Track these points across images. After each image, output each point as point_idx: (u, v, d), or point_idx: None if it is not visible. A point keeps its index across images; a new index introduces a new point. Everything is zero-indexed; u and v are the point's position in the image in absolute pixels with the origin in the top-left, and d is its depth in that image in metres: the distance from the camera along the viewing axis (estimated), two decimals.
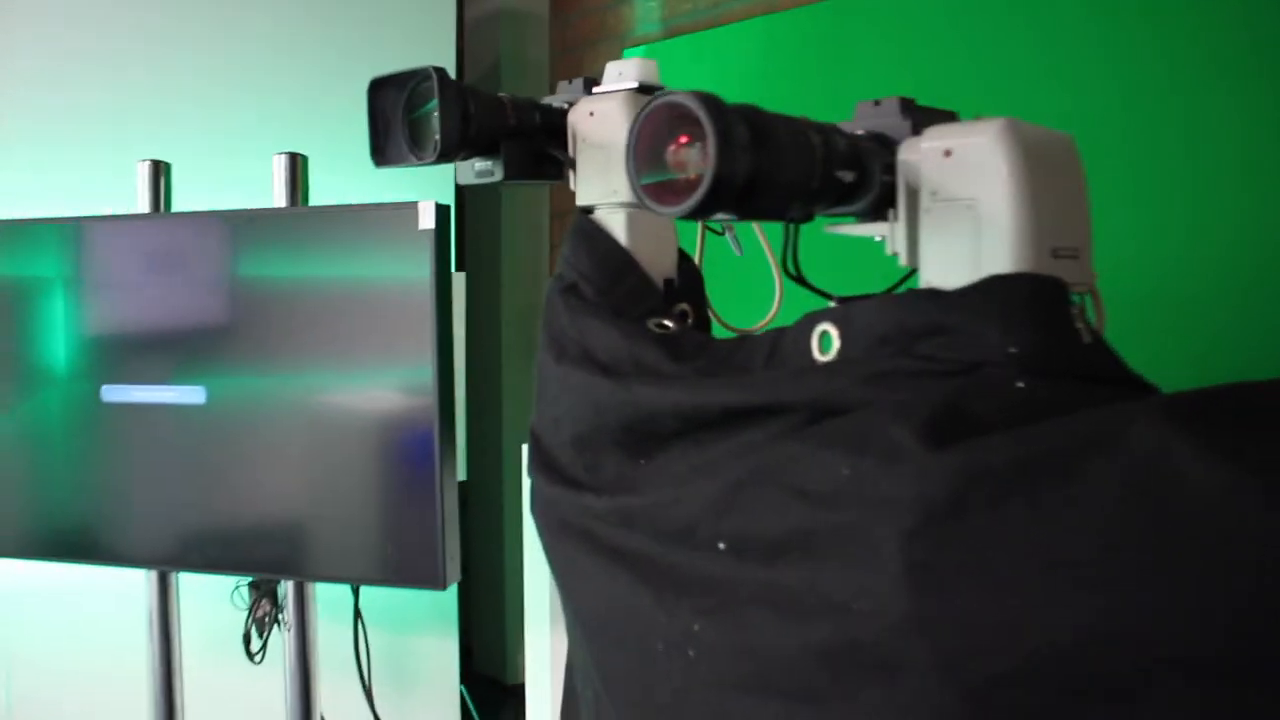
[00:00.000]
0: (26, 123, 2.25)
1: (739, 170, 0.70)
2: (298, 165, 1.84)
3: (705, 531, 0.85)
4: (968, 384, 0.73)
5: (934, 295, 0.77)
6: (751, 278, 1.19)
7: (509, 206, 3.28)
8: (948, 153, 0.77)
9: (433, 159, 1.07)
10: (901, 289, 0.90)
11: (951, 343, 0.75)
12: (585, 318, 1.03)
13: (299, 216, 1.78)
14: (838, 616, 0.73)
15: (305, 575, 1.80)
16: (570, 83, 1.18)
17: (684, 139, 0.75)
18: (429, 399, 1.62)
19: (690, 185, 0.73)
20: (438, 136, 1.06)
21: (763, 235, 1.19)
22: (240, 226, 1.76)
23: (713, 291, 1.17)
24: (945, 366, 0.74)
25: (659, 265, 1.11)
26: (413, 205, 1.61)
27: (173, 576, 1.90)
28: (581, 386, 1.00)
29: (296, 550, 1.74)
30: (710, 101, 0.70)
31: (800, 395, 0.81)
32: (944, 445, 0.68)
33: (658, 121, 0.76)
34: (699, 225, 1.22)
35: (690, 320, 1.11)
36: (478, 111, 1.08)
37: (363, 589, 1.91)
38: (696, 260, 1.20)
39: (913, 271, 0.87)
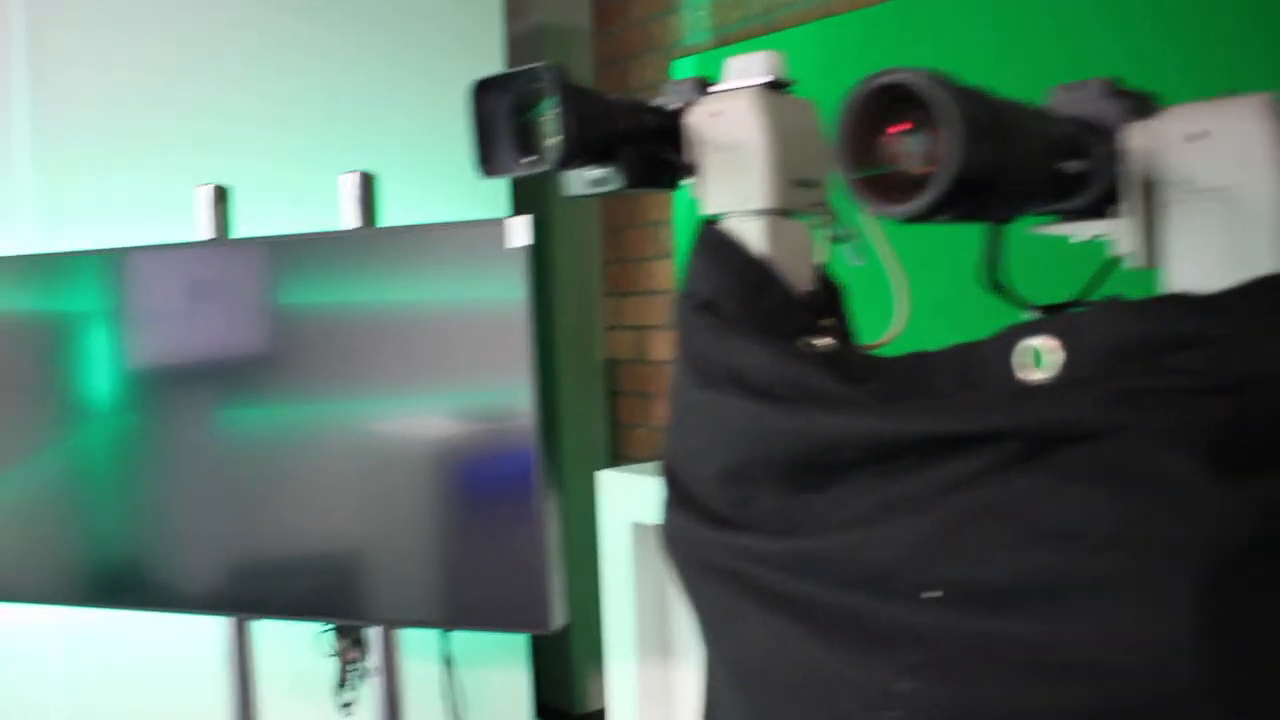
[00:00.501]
0: (85, 146, 2.17)
1: (982, 164, 0.60)
2: (369, 185, 1.73)
3: (910, 577, 0.74)
4: (1246, 404, 0.62)
5: (1190, 300, 0.67)
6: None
7: (560, 222, 3.19)
8: (1197, 136, 0.67)
9: (550, 166, 0.99)
10: (1098, 293, 0.80)
11: (1218, 355, 0.64)
12: (731, 337, 0.93)
13: (377, 238, 1.69)
14: (1098, 676, 0.63)
15: (395, 621, 1.69)
16: (679, 82, 1.10)
17: (900, 126, 0.65)
18: (523, 424, 1.52)
19: (912, 181, 0.63)
20: (551, 141, 0.97)
21: (884, 241, 1.10)
22: (317, 251, 1.67)
23: None
24: (1209, 383, 0.64)
25: (798, 277, 1.02)
26: (498, 223, 1.51)
27: (249, 624, 1.81)
28: (734, 413, 0.90)
29: (385, 593, 1.64)
30: (945, 83, 0.60)
31: (1019, 420, 0.71)
32: (1238, 477, 0.58)
33: (867, 106, 0.66)
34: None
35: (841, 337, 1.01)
36: (594, 114, 0.99)
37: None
38: None
39: (1113, 267, 0.77)
